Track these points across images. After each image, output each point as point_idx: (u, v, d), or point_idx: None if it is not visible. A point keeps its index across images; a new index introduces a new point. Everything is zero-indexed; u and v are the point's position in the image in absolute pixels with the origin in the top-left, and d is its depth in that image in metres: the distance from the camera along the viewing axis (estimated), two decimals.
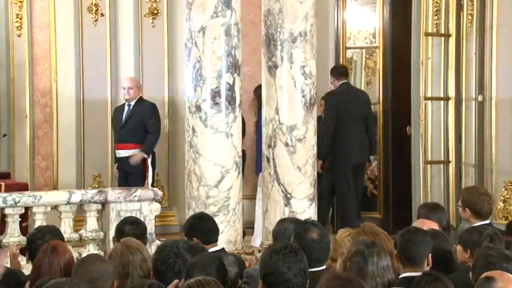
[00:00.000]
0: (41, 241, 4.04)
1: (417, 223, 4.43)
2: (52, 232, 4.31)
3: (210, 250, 4.30)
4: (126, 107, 7.52)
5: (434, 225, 4.38)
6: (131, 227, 4.57)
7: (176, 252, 3.62)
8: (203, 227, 4.63)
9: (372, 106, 8.46)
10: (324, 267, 3.79)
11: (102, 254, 5.61)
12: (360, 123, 7.86)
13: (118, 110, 7.67)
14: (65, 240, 4.55)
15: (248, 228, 7.28)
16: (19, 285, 3.95)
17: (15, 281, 4.01)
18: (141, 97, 7.54)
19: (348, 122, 7.74)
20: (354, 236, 4.06)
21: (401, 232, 3.86)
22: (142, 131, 7.42)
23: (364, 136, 7.88)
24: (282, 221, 4.70)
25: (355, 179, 7.83)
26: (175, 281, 3.47)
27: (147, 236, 4.82)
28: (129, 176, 7.37)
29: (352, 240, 4.02)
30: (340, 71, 8.02)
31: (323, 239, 3.82)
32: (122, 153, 7.50)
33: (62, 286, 2.98)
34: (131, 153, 7.39)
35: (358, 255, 3.36)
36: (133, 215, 5.77)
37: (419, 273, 3.56)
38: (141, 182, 7.03)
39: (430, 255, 3.77)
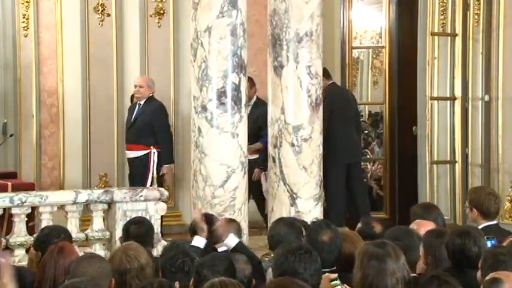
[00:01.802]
0: (56, 240, 4.05)
1: (414, 224, 4.37)
2: (64, 232, 4.33)
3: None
4: (137, 107, 7.52)
5: (431, 226, 4.31)
6: (137, 227, 4.57)
7: (185, 252, 3.61)
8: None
9: (379, 106, 8.44)
10: (334, 268, 3.76)
11: (108, 253, 5.61)
12: (351, 122, 7.71)
13: (129, 110, 7.67)
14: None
15: (252, 228, 7.26)
16: (26, 285, 3.95)
17: (22, 281, 4.01)
18: (151, 96, 7.52)
19: (341, 121, 7.52)
20: None
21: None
22: (151, 132, 7.37)
23: (355, 135, 7.74)
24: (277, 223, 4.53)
25: (351, 179, 7.62)
26: (176, 283, 3.45)
27: (154, 236, 4.82)
28: (133, 177, 7.40)
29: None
30: (328, 72, 7.74)
31: (333, 241, 3.80)
32: (129, 154, 7.51)
33: (78, 285, 2.99)
34: (139, 154, 7.39)
35: (373, 258, 3.30)
36: (139, 215, 5.78)
37: None
38: (143, 182, 7.06)
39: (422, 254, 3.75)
